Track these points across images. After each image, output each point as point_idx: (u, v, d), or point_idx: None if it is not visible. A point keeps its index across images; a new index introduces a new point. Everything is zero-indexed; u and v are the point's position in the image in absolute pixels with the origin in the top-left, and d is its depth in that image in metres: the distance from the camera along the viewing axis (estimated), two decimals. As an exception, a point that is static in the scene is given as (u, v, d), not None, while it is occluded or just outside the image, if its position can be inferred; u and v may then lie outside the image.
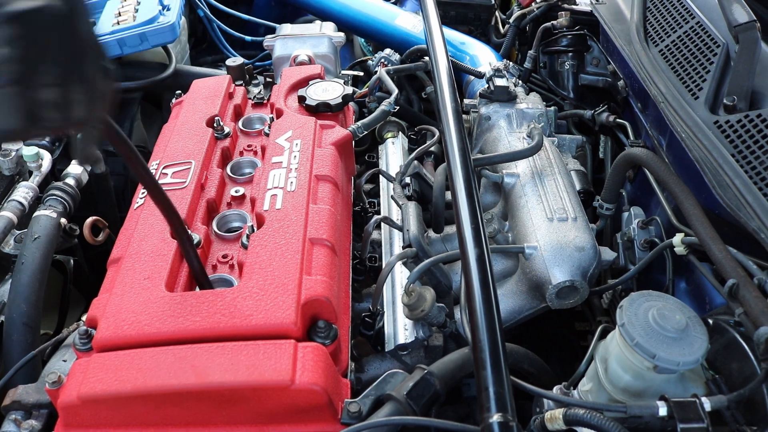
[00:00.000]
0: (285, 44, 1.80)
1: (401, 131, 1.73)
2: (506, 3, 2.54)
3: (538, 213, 1.36)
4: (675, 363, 0.95)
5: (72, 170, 1.61)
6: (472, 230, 1.09)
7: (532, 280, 1.30)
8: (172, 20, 1.91)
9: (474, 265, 1.03)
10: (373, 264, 1.40)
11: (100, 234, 1.49)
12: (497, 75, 1.66)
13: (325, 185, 1.29)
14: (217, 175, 1.36)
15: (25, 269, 1.36)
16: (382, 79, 1.67)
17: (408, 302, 1.20)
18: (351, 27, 2.24)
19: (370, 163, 1.68)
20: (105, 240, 1.51)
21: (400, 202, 1.37)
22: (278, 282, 1.07)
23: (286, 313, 1.02)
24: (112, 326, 1.05)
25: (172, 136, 1.45)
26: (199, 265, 1.11)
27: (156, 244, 1.18)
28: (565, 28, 1.96)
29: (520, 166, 1.47)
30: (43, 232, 1.43)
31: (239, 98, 1.61)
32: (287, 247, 1.13)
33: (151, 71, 2.03)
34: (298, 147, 1.36)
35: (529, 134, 1.52)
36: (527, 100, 1.67)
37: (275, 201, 1.23)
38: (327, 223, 1.20)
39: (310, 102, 1.48)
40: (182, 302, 1.06)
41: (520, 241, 1.34)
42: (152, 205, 1.27)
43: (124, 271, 1.14)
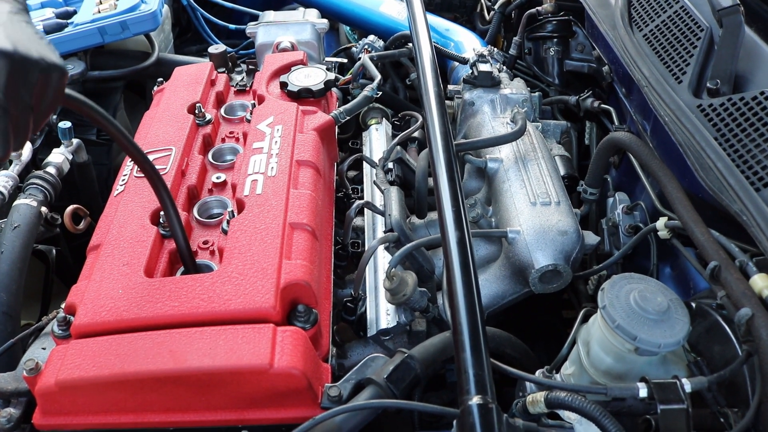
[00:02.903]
0: (268, 31, 1.79)
1: (385, 118, 1.72)
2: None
3: (521, 197, 1.35)
4: (656, 345, 0.94)
5: (53, 159, 1.59)
6: (453, 213, 1.08)
7: (515, 264, 1.30)
8: (154, 8, 1.89)
9: (454, 247, 1.03)
10: (355, 250, 1.39)
11: (81, 222, 1.47)
12: (481, 60, 1.65)
13: (306, 170, 1.28)
14: (198, 162, 1.35)
15: (5, 258, 1.35)
16: (366, 65, 1.66)
17: (389, 287, 1.19)
18: (335, 14, 2.22)
19: (354, 150, 1.67)
20: (86, 229, 1.49)
21: (382, 187, 1.36)
22: (257, 266, 1.06)
23: (265, 298, 1.01)
24: (91, 312, 1.04)
25: (153, 123, 1.44)
26: (186, 245, 1.11)
27: (135, 231, 1.17)
28: (550, 14, 1.95)
29: (503, 151, 1.46)
30: (23, 221, 1.41)
31: (221, 85, 1.60)
32: (267, 232, 1.12)
33: (134, 60, 2.02)
34: (280, 132, 1.35)
35: (513, 119, 1.51)
36: (511, 85, 1.66)
37: (255, 186, 1.22)
38: (308, 207, 1.19)
39: (291, 88, 1.47)
40: (161, 288, 1.05)
41: (503, 226, 1.34)
42: (132, 192, 1.27)
43: (103, 258, 1.13)
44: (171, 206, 1.08)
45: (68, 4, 2.06)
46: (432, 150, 1.21)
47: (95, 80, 1.94)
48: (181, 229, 1.10)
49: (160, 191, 1.07)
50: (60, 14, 1.98)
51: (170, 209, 1.08)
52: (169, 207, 1.08)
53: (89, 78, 1.91)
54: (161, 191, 1.06)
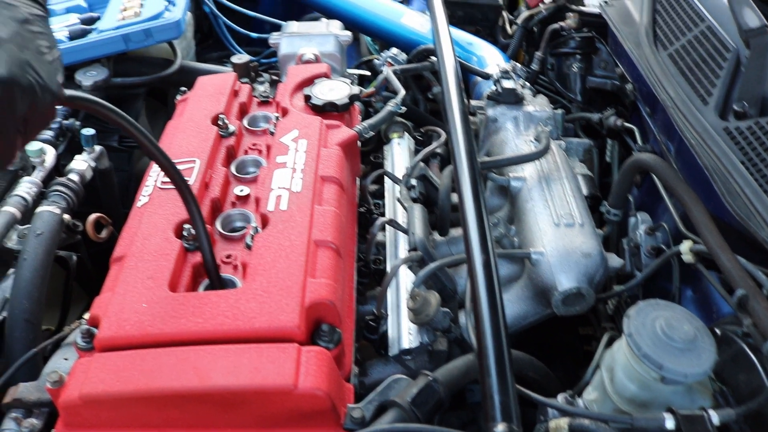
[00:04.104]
0: (291, 42, 1.79)
1: (407, 131, 1.71)
2: (513, 3, 2.52)
3: (544, 218, 1.35)
4: (683, 375, 0.94)
5: (76, 166, 1.60)
6: (478, 235, 1.08)
7: (537, 285, 1.29)
8: (178, 16, 1.90)
9: (480, 271, 1.02)
10: (377, 266, 1.39)
11: (103, 231, 1.48)
12: (505, 77, 1.64)
13: (330, 186, 1.28)
14: (221, 174, 1.35)
15: (28, 265, 1.35)
16: (389, 78, 1.66)
17: (413, 307, 1.19)
18: (357, 25, 2.22)
19: (376, 164, 1.67)
20: (108, 237, 1.49)
21: (405, 205, 1.36)
22: (282, 284, 1.06)
23: (289, 317, 1.01)
24: (115, 326, 1.04)
25: (176, 134, 1.44)
26: (213, 259, 1.11)
27: (159, 243, 1.17)
28: (573, 29, 1.94)
29: (526, 170, 1.46)
30: (45, 228, 1.42)
31: (244, 96, 1.60)
32: (292, 249, 1.12)
33: (157, 67, 2.02)
34: (304, 147, 1.35)
35: (537, 137, 1.50)
36: (534, 102, 1.65)
37: (280, 201, 1.22)
38: (332, 225, 1.19)
39: (315, 101, 1.47)
40: (185, 303, 1.05)
41: (527, 246, 1.33)
42: (156, 203, 1.27)
43: (127, 270, 1.13)
44: (200, 220, 1.08)
45: (92, 10, 2.07)
46: (457, 169, 1.21)
47: (118, 87, 1.95)
48: (208, 243, 1.10)
49: (191, 206, 1.07)
50: (84, 20, 1.99)
51: (199, 223, 1.08)
52: (198, 221, 1.08)
53: (112, 84, 1.91)
54: (191, 205, 1.07)
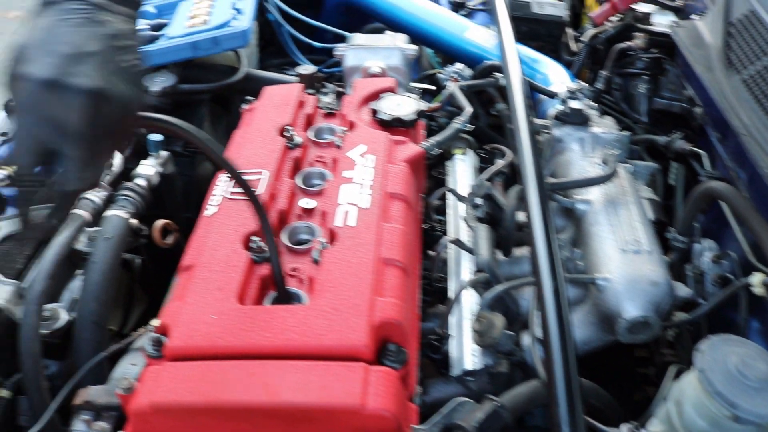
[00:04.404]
0: (357, 54, 1.80)
1: (470, 147, 1.71)
2: (576, 20, 2.50)
3: (611, 243, 1.34)
4: (758, 415, 0.92)
5: (143, 170, 1.63)
6: (548, 261, 1.07)
7: (602, 312, 1.28)
8: (246, 26, 1.92)
9: (550, 298, 1.02)
10: (440, 284, 1.39)
11: (169, 236, 1.50)
12: (572, 97, 1.63)
13: (397, 203, 1.28)
14: (287, 186, 1.36)
15: (97, 269, 1.38)
16: (455, 95, 1.66)
17: (478, 329, 1.18)
18: (420, 38, 2.22)
19: (438, 179, 1.67)
20: (174, 243, 1.52)
21: (471, 224, 1.36)
22: (351, 302, 1.06)
23: (358, 335, 1.02)
24: (185, 336, 1.05)
25: (244, 144, 1.46)
26: (280, 272, 1.12)
27: (228, 255, 1.18)
28: (641, 50, 1.92)
29: (592, 193, 1.45)
30: (114, 233, 1.45)
31: (310, 107, 1.61)
32: (360, 267, 1.12)
33: (221, 74, 2.05)
34: (371, 162, 1.35)
35: (604, 160, 1.49)
36: (601, 124, 1.64)
37: (348, 217, 1.23)
38: (399, 243, 1.19)
39: (383, 116, 1.47)
40: (254, 316, 1.07)
41: (592, 271, 1.32)
42: (224, 214, 1.28)
43: (197, 281, 1.15)
44: (271, 234, 1.09)
45: (161, 16, 2.11)
46: (525, 190, 1.20)
47: (184, 93, 1.98)
48: (278, 257, 1.11)
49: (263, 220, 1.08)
50: (153, 26, 2.03)
51: (270, 238, 1.10)
52: (269, 235, 1.09)
53: (179, 91, 1.94)
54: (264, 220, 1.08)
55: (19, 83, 0.76)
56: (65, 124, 0.76)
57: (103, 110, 0.78)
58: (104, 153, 0.84)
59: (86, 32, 0.79)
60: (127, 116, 0.82)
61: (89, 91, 0.77)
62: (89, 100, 0.77)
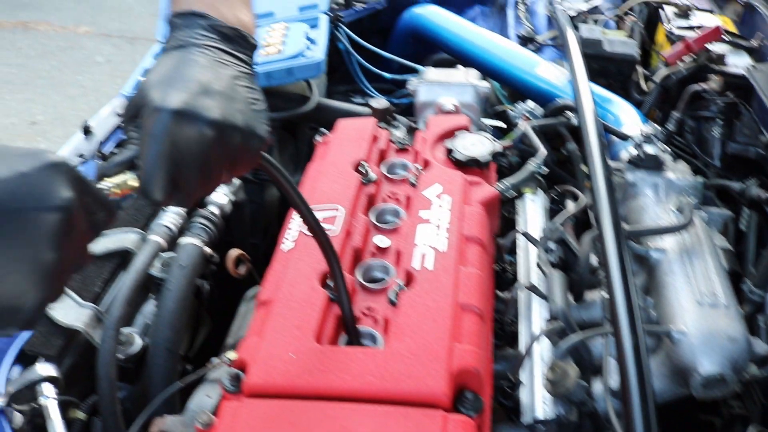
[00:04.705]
0: (430, 90, 1.81)
1: (540, 188, 1.70)
2: (646, 56, 2.48)
3: (686, 295, 1.32)
4: None
5: (216, 199, 1.66)
6: (627, 315, 1.08)
7: (676, 365, 1.26)
8: (320, 57, 1.95)
9: (629, 353, 1.02)
10: (511, 328, 1.38)
11: (242, 266, 1.52)
12: (647, 141, 1.62)
13: (473, 247, 1.28)
14: (362, 223, 1.37)
15: (171, 296, 1.41)
16: (529, 135, 1.66)
17: (552, 378, 1.18)
18: (489, 72, 2.22)
19: (508, 219, 1.67)
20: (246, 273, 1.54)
21: (545, 270, 1.35)
22: (429, 348, 1.06)
23: (436, 382, 1.02)
24: (263, 373, 1.07)
25: (319, 178, 1.48)
26: (351, 315, 1.13)
27: (305, 292, 1.20)
28: (716, 93, 1.90)
29: (667, 241, 1.43)
30: (189, 261, 1.48)
31: (383, 142, 1.62)
32: (438, 311, 1.13)
33: (293, 102, 2.08)
34: (447, 203, 1.36)
35: (679, 208, 1.47)
36: (676, 169, 1.62)
37: (425, 260, 1.23)
38: (476, 288, 1.19)
39: (458, 156, 1.48)
40: (332, 357, 1.07)
41: (666, 322, 1.31)
42: (301, 249, 1.30)
43: (274, 317, 1.16)
44: (341, 278, 1.09)
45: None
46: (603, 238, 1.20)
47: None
48: (347, 299, 1.11)
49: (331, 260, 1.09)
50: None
51: (339, 279, 1.09)
52: (338, 276, 1.09)
53: (251, 118, 1.97)
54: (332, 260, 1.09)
55: (150, 114, 0.81)
56: (191, 151, 0.82)
57: (226, 140, 0.84)
58: (217, 181, 0.88)
59: (212, 72, 0.86)
60: (247, 148, 0.87)
61: (216, 122, 0.82)
62: (215, 131, 0.82)
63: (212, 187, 0.89)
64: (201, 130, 0.82)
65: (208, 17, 0.91)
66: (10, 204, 0.65)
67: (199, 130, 0.82)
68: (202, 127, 0.82)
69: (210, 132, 0.82)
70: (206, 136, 0.82)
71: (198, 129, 0.82)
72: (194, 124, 0.81)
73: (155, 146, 0.81)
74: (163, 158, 0.81)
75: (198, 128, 0.82)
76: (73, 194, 0.70)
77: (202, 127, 0.82)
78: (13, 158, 0.68)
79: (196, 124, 0.81)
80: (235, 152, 0.86)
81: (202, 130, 0.82)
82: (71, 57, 5.79)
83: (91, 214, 0.75)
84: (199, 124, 0.82)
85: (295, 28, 2.08)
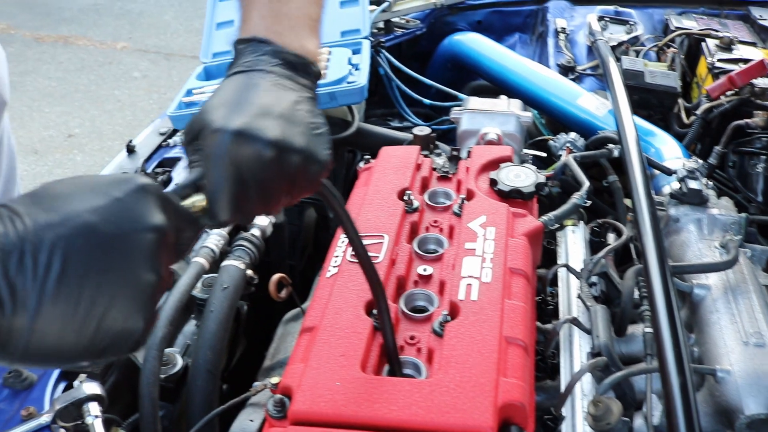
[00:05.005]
0: (473, 119, 1.82)
1: (582, 220, 1.70)
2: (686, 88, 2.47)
3: (731, 333, 1.31)
4: None
5: (258, 221, 1.68)
6: (674, 355, 1.07)
7: (720, 404, 1.25)
8: (363, 83, 1.96)
9: (677, 394, 1.01)
10: (553, 361, 1.38)
11: (283, 291, 1.53)
12: (691, 176, 1.61)
13: (518, 279, 1.28)
14: (405, 251, 1.38)
15: (213, 318, 1.43)
16: (571, 167, 1.66)
17: (594, 413, 1.17)
18: (529, 101, 2.22)
19: (547, 249, 1.66)
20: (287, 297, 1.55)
21: (588, 304, 1.35)
22: (476, 381, 1.06)
23: (483, 416, 1.02)
24: (309, 401, 1.07)
25: (363, 206, 1.49)
26: (394, 345, 1.13)
27: (351, 320, 1.20)
28: (761, 128, 1.89)
29: (711, 278, 1.42)
30: (231, 283, 1.49)
31: (426, 170, 1.63)
32: (484, 344, 1.13)
33: (335, 126, 2.09)
34: (492, 235, 1.36)
35: (724, 245, 1.46)
36: (719, 205, 1.61)
37: (470, 291, 1.23)
38: (521, 321, 1.19)
39: (502, 187, 1.48)
40: (378, 387, 1.08)
41: (710, 360, 1.29)
42: (346, 276, 1.30)
43: (320, 344, 1.16)
44: (385, 308, 1.10)
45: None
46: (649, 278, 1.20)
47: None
48: (392, 331, 1.11)
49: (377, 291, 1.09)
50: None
51: (385, 312, 1.10)
52: (384, 310, 1.10)
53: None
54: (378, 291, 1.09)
55: (210, 135, 0.83)
56: (251, 171, 0.83)
57: (285, 161, 0.84)
58: (278, 204, 0.89)
59: (273, 96, 0.87)
60: (307, 171, 0.87)
61: (274, 142, 0.83)
62: (274, 151, 0.83)
63: (272, 209, 0.90)
64: (260, 150, 0.82)
65: (272, 44, 0.93)
66: (110, 230, 0.67)
67: (258, 150, 0.82)
68: (261, 147, 0.82)
69: (269, 152, 0.83)
70: (265, 156, 0.83)
71: (257, 149, 0.82)
72: (253, 144, 0.82)
73: (218, 168, 0.82)
74: (226, 179, 0.82)
75: (257, 148, 0.82)
76: (165, 215, 0.72)
77: (261, 147, 0.82)
78: (106, 186, 0.70)
79: (254, 144, 0.82)
80: (294, 174, 0.86)
81: (261, 149, 0.82)
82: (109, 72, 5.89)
83: (180, 232, 0.77)
84: (258, 143, 0.82)
85: (338, 53, 2.10)
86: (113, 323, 0.67)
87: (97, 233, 0.66)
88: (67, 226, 0.65)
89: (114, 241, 0.67)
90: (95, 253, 0.66)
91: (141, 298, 0.69)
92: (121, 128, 5.13)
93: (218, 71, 2.22)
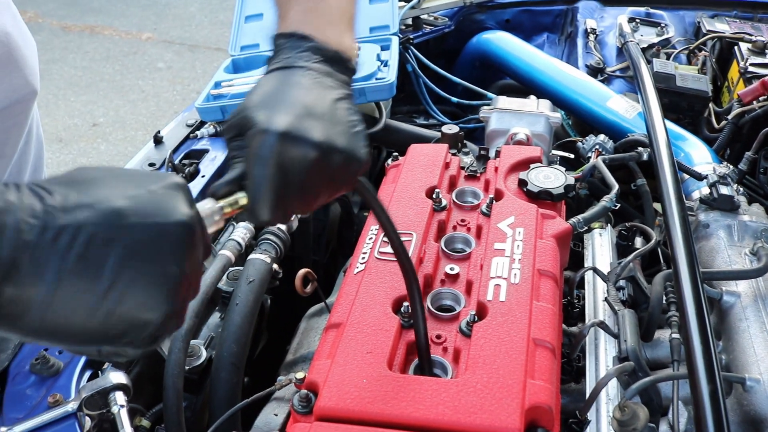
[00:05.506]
0: (501, 118, 1.81)
1: (609, 223, 1.69)
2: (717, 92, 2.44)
3: (761, 342, 1.30)
4: None
5: (285, 215, 1.67)
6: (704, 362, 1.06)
7: (748, 413, 1.24)
8: (392, 79, 1.95)
9: (707, 402, 1.00)
10: (578, 364, 1.37)
11: (309, 286, 1.53)
12: (722, 182, 1.60)
13: (546, 281, 1.27)
14: (433, 249, 1.37)
15: (239, 311, 1.43)
16: (601, 170, 1.65)
17: (620, 418, 1.16)
18: (558, 101, 2.21)
19: (574, 252, 1.65)
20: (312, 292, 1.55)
21: (615, 308, 1.34)
22: (503, 382, 1.06)
23: (510, 418, 1.01)
24: (335, 397, 1.07)
25: (391, 203, 1.48)
26: (427, 344, 1.13)
27: (378, 317, 1.20)
28: (793, 134, 1.87)
29: (740, 286, 1.41)
30: (257, 276, 1.49)
31: (454, 169, 1.62)
32: (512, 345, 1.12)
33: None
34: (521, 236, 1.35)
35: (754, 252, 1.45)
36: (750, 211, 1.60)
37: (498, 292, 1.22)
38: (549, 323, 1.18)
39: (532, 188, 1.47)
40: (405, 385, 1.07)
41: (738, 368, 1.28)
42: (373, 273, 1.30)
43: (346, 341, 1.16)
44: (420, 304, 1.10)
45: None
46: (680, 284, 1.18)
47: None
48: (425, 329, 1.11)
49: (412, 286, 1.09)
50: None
51: (418, 307, 1.10)
52: (417, 305, 1.09)
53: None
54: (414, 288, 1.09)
55: (256, 135, 0.83)
56: (295, 171, 0.83)
57: (328, 162, 0.85)
58: (317, 201, 0.90)
59: (315, 95, 0.87)
60: (347, 170, 0.88)
61: (319, 143, 0.84)
62: (318, 152, 0.84)
63: (312, 206, 0.91)
64: (305, 152, 0.84)
65: (313, 39, 0.93)
66: (139, 219, 0.67)
67: (303, 152, 0.83)
68: (306, 149, 0.84)
69: (313, 153, 0.84)
70: (309, 157, 0.84)
71: (302, 150, 0.83)
72: (299, 146, 0.83)
73: (262, 168, 0.83)
74: (270, 180, 0.83)
75: (302, 149, 0.83)
76: (194, 211, 0.72)
77: (306, 149, 0.84)
78: (141, 177, 0.71)
79: (301, 146, 0.83)
80: (335, 173, 0.88)
81: (306, 151, 0.84)
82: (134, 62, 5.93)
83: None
84: (304, 145, 0.83)
85: (367, 48, 2.09)
86: (128, 311, 0.66)
87: (126, 219, 0.66)
88: (97, 209, 0.65)
89: (141, 230, 0.67)
90: (121, 238, 0.65)
91: (161, 290, 0.68)
92: (145, 118, 5.16)
93: (246, 64, 2.23)
